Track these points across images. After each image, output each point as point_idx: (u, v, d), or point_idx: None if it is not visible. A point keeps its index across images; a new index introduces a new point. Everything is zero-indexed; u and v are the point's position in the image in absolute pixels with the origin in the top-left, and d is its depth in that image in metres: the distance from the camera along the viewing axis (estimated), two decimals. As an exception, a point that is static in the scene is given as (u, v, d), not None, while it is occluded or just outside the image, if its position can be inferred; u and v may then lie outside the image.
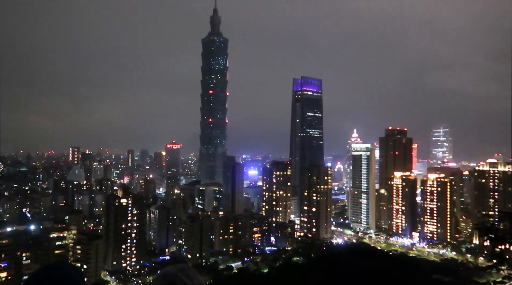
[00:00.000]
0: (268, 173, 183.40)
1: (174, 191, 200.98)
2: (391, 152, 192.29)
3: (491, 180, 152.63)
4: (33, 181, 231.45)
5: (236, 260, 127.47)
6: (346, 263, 4.49)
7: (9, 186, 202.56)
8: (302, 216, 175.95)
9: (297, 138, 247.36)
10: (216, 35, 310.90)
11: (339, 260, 5.69)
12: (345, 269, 3.90)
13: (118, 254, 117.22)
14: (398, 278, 7.26)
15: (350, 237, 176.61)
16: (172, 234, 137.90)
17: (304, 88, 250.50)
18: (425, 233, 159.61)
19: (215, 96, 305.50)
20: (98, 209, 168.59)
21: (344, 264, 4.42)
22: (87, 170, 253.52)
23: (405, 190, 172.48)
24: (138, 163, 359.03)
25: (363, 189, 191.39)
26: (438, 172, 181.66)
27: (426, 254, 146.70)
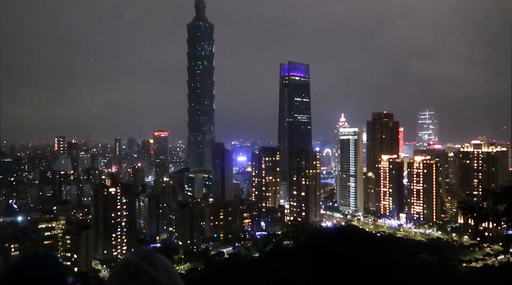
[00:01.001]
0: (257, 159, 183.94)
1: (163, 178, 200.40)
2: (378, 135, 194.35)
3: (475, 161, 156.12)
4: (18, 172, 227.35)
5: (227, 246, 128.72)
6: (333, 244, 4.53)
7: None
8: (292, 200, 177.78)
9: (285, 123, 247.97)
10: (201, 21, 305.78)
11: (325, 241, 5.73)
12: (332, 249, 3.93)
13: (108, 243, 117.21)
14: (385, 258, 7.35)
15: (339, 220, 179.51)
16: (163, 221, 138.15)
17: (291, 73, 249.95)
18: (412, 214, 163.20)
19: (202, 83, 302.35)
20: (87, 199, 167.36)
21: (330, 245, 4.46)
22: (74, 159, 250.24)
23: (392, 172, 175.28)
24: (126, 152, 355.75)
25: (351, 173, 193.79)
26: (424, 154, 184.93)
27: (412, 235, 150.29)
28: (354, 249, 1.82)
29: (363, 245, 1.87)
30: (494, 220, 10.06)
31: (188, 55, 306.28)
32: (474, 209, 10.81)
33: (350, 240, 1.91)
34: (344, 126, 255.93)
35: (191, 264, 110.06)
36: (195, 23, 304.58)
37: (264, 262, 66.06)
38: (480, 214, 10.53)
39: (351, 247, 1.84)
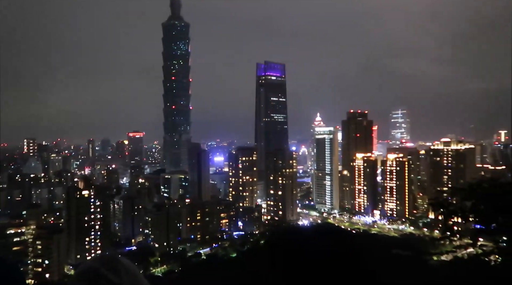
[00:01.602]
0: (234, 159, 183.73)
1: (139, 180, 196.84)
2: (353, 134, 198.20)
3: (445, 158, 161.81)
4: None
5: (205, 246, 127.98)
6: (307, 241, 4.58)
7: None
8: (269, 199, 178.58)
9: (261, 123, 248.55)
10: (176, 19, 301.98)
11: (300, 239, 5.79)
12: (306, 247, 3.98)
13: (81, 247, 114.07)
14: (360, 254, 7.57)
15: (316, 218, 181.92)
16: (138, 224, 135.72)
17: (267, 73, 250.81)
18: (386, 210, 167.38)
19: (177, 82, 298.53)
20: (58, 202, 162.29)
21: (304, 243, 4.51)
22: (45, 162, 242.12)
23: (367, 170, 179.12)
24: (100, 153, 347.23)
25: (327, 171, 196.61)
26: (397, 152, 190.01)
27: (386, 231, 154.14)
28: (329, 247, 1.84)
29: (323, 240, 1.89)
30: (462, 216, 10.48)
31: (164, 55, 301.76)
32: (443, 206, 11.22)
33: (325, 239, 1.94)
34: (320, 125, 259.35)
35: (168, 266, 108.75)
36: (171, 22, 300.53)
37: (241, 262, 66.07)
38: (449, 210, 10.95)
39: (326, 245, 1.86)
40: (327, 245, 1.73)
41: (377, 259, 21.78)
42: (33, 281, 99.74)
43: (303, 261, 1.66)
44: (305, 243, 1.78)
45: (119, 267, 2.12)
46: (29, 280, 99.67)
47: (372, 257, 16.41)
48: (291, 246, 1.73)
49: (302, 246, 1.75)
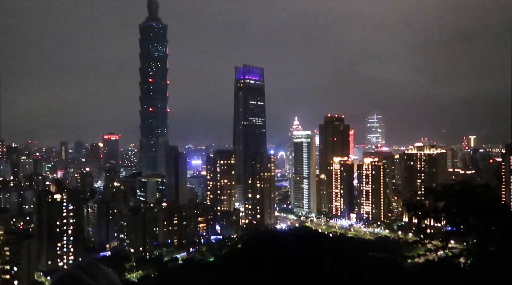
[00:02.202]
0: (212, 162, 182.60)
1: (114, 183, 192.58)
2: (330, 138, 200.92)
3: (418, 162, 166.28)
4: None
5: (182, 251, 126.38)
6: (284, 245, 4.56)
7: None
8: (247, 203, 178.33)
9: (240, 126, 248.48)
10: (154, 21, 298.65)
11: (277, 243, 5.76)
12: (283, 250, 3.95)
13: (53, 253, 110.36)
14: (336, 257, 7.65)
15: (293, 221, 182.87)
16: (113, 228, 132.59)
17: (246, 76, 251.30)
18: (362, 213, 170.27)
19: (155, 84, 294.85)
20: (29, 206, 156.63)
21: (282, 246, 4.48)
22: (14, 164, 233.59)
23: (343, 174, 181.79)
24: (73, 156, 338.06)
25: (304, 175, 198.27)
26: (372, 156, 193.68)
27: (362, 234, 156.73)
28: (305, 250, 1.88)
29: (300, 243, 1.93)
30: (434, 217, 10.77)
31: (141, 56, 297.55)
32: (417, 207, 11.51)
33: (302, 242, 1.99)
34: (298, 129, 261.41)
35: (144, 271, 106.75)
36: (148, 23, 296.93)
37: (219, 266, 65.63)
38: (422, 211, 11.24)
39: (303, 249, 1.91)
40: (304, 248, 1.75)
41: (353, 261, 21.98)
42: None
43: (281, 264, 1.68)
44: (283, 246, 1.81)
45: (97, 273, 2.18)
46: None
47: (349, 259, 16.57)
48: (268, 250, 1.76)
49: (279, 249, 1.78)
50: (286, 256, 2.25)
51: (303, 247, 3.37)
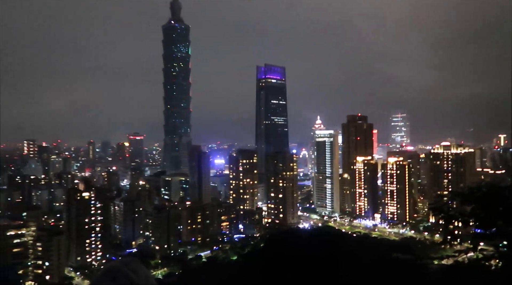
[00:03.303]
0: (234, 161, 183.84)
1: (139, 182, 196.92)
2: (353, 137, 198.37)
3: (445, 162, 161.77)
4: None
5: (205, 249, 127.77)
6: (307, 244, 4.64)
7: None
8: (269, 202, 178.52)
9: (262, 126, 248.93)
10: (177, 22, 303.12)
11: (299, 242, 5.84)
12: (306, 250, 4.05)
13: (82, 249, 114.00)
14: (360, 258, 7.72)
15: (316, 221, 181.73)
16: (139, 226, 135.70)
17: (268, 76, 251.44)
18: (386, 214, 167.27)
19: (178, 84, 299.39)
20: (59, 204, 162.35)
21: (304, 246, 4.56)
22: (45, 163, 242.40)
23: (367, 173, 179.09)
24: (100, 155, 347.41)
25: (327, 174, 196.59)
26: (397, 155, 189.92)
27: (387, 234, 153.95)
28: (329, 250, 1.92)
29: (322, 243, 1.97)
30: (462, 220, 10.66)
31: (164, 57, 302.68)
32: (443, 210, 11.41)
33: (325, 242, 2.04)
34: (320, 128, 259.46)
35: (168, 268, 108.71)
36: (171, 24, 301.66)
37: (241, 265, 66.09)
38: (449, 215, 11.13)
39: (327, 248, 1.94)
40: (326, 248, 1.79)
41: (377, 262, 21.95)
42: (33, 283, 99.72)
43: (301, 263, 1.73)
44: (304, 245, 1.86)
45: (138, 269, 2.53)
46: (29, 282, 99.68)
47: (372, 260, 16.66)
48: (289, 249, 1.80)
49: (300, 248, 1.83)
50: (307, 255, 2.33)
51: (325, 246, 3.47)
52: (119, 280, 2.42)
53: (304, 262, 2.49)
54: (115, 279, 2.43)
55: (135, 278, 2.45)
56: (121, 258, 4.54)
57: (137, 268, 2.54)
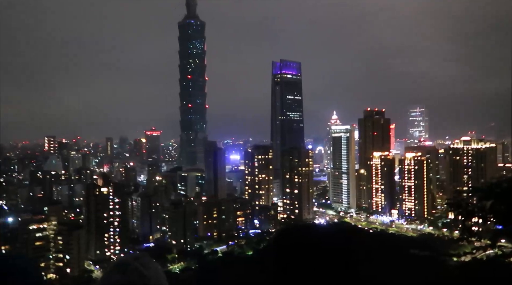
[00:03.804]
0: (250, 157, 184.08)
1: (156, 178, 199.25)
2: (369, 132, 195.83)
3: (465, 157, 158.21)
4: (7, 172, 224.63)
5: (221, 244, 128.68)
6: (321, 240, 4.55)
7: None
8: (285, 198, 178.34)
9: (277, 121, 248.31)
10: (192, 18, 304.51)
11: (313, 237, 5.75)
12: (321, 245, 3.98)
13: (101, 243, 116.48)
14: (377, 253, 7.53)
15: (332, 216, 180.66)
16: (155, 221, 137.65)
17: (283, 71, 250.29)
18: (404, 210, 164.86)
19: (193, 81, 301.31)
20: (78, 199, 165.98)
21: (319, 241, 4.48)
22: (65, 159, 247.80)
23: (384, 169, 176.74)
24: (118, 151, 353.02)
25: (343, 170, 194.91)
26: (415, 150, 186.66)
27: (404, 230, 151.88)
28: (346, 246, 1.88)
29: (337, 238, 1.93)
30: (481, 216, 10.32)
31: (180, 53, 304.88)
32: (461, 206, 11.07)
33: (341, 237, 2.00)
34: (336, 123, 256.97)
35: (185, 263, 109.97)
36: (186, 21, 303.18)
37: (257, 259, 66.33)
38: (467, 211, 10.79)
39: (343, 244, 1.90)
40: (343, 243, 1.76)
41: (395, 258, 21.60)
42: (54, 276, 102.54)
43: (314, 259, 1.70)
44: (317, 240, 1.82)
45: (149, 263, 2.56)
46: (51, 275, 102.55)
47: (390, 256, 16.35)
48: (301, 244, 1.77)
49: (313, 244, 1.79)
50: (320, 250, 2.23)
51: (340, 241, 3.29)
52: (129, 274, 2.47)
53: (320, 256, 2.35)
54: (125, 273, 2.47)
55: (146, 272, 2.50)
56: (132, 253, 4.53)
57: (148, 263, 2.58)
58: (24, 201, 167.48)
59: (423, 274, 27.83)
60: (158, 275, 2.58)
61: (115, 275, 2.48)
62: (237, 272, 53.21)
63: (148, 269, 2.51)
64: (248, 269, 48.11)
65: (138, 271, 2.47)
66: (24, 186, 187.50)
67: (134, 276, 2.45)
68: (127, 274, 2.45)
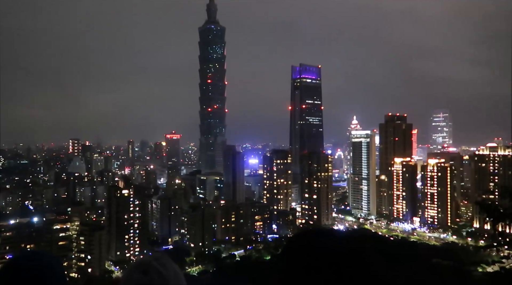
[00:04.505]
0: (269, 161, 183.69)
1: (175, 181, 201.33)
2: (391, 138, 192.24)
3: (491, 164, 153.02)
4: (34, 174, 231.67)
5: (239, 248, 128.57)
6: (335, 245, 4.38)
7: (10, 179, 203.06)
8: (303, 203, 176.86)
9: (296, 126, 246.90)
10: (213, 24, 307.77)
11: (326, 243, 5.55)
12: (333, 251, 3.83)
13: (121, 244, 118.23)
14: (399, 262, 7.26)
15: (351, 223, 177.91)
16: (174, 223, 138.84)
17: (303, 75, 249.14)
18: (426, 217, 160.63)
19: (213, 85, 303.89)
20: (100, 200, 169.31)
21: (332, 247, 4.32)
22: (88, 161, 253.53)
23: (406, 175, 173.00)
24: (139, 154, 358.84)
25: (363, 176, 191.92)
26: (438, 157, 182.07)
27: (427, 239, 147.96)
28: (364, 253, 1.85)
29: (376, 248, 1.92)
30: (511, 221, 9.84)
31: (200, 58, 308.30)
32: (491, 208, 10.61)
33: (362, 245, 1.99)
34: (356, 128, 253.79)
35: (203, 266, 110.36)
36: (207, 26, 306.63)
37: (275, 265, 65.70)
38: (497, 214, 10.33)
39: (362, 251, 1.87)
40: (362, 250, 1.72)
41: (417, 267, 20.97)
42: (76, 275, 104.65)
43: (329, 266, 1.67)
44: (339, 247, 1.79)
45: (167, 263, 2.62)
46: (73, 274, 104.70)
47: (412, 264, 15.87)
48: (316, 250, 1.75)
49: (330, 250, 1.76)
50: (335, 255, 2.12)
51: (360, 248, 3.16)
52: (150, 274, 2.53)
53: (334, 262, 2.25)
54: (146, 273, 2.53)
55: (165, 273, 2.57)
56: (152, 253, 4.52)
57: (167, 263, 2.65)
58: (49, 202, 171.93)
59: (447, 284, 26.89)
60: (177, 276, 2.65)
61: (136, 274, 2.53)
62: (253, 276, 52.93)
63: (167, 269, 2.59)
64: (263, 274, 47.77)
65: (158, 271, 2.54)
66: (49, 187, 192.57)
67: (154, 276, 2.52)
68: (147, 274, 2.52)
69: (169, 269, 2.61)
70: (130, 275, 2.56)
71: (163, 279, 2.53)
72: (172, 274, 2.60)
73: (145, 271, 2.53)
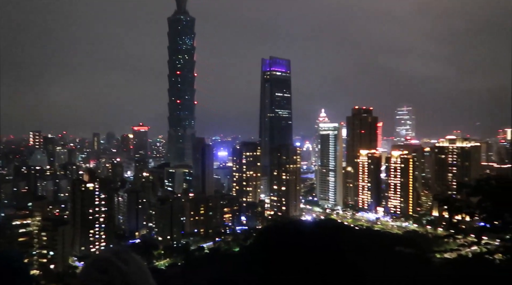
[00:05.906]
0: (238, 154, 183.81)
1: (143, 174, 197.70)
2: (357, 130, 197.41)
3: (450, 156, 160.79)
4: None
5: (208, 241, 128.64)
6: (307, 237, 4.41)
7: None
8: (272, 195, 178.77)
9: (266, 118, 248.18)
10: (182, 14, 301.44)
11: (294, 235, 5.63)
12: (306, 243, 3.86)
13: (86, 239, 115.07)
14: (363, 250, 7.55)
15: (319, 214, 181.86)
16: (142, 217, 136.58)
17: (272, 68, 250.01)
18: (389, 207, 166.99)
19: (182, 77, 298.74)
20: (64, 194, 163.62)
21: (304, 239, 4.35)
22: (50, 154, 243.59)
23: (371, 167, 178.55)
24: (105, 146, 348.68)
25: (330, 167, 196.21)
26: (401, 149, 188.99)
27: (390, 228, 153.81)
28: (330, 243, 1.88)
29: (322, 236, 1.94)
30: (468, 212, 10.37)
31: (169, 49, 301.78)
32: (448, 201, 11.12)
33: (327, 235, 2.02)
34: (324, 121, 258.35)
35: (171, 259, 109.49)
36: (176, 16, 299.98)
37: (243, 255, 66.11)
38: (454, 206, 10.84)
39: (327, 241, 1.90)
40: (325, 241, 1.75)
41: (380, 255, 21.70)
42: (38, 272, 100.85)
43: (297, 257, 1.69)
44: (302, 238, 1.81)
45: (128, 258, 2.36)
46: (34, 271, 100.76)
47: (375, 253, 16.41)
48: (285, 241, 1.76)
49: (297, 241, 1.78)
50: (304, 248, 2.16)
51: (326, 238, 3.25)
52: (109, 272, 2.24)
53: (305, 254, 2.31)
54: (105, 271, 2.25)
55: (126, 269, 2.29)
56: (111, 247, 4.07)
57: (129, 258, 2.36)
58: (8, 196, 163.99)
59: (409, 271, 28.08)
60: (140, 270, 2.38)
61: (93, 273, 2.28)
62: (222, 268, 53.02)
63: (129, 265, 2.33)
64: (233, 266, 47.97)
65: (118, 268, 2.28)
66: (8, 181, 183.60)
67: (114, 273, 2.26)
68: (106, 272, 2.26)
69: (131, 265, 2.34)
70: (88, 273, 2.30)
71: (124, 276, 2.27)
72: (134, 269, 2.34)
73: (105, 270, 2.27)
